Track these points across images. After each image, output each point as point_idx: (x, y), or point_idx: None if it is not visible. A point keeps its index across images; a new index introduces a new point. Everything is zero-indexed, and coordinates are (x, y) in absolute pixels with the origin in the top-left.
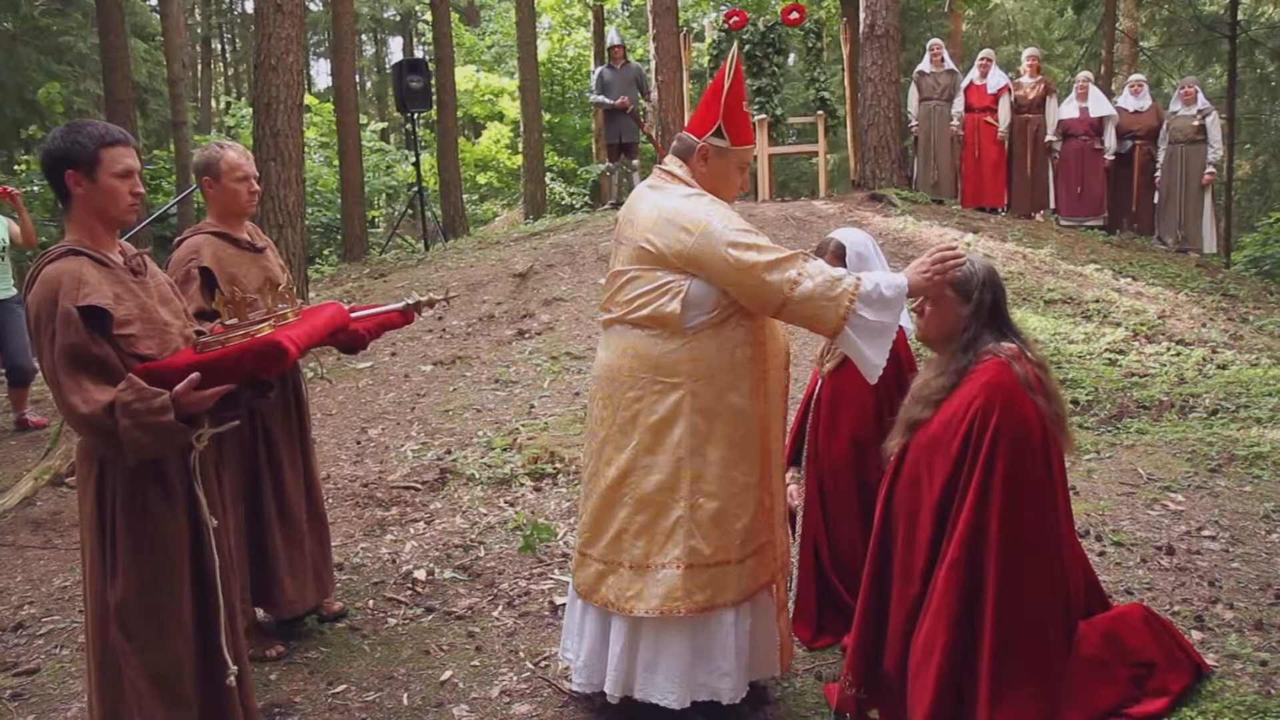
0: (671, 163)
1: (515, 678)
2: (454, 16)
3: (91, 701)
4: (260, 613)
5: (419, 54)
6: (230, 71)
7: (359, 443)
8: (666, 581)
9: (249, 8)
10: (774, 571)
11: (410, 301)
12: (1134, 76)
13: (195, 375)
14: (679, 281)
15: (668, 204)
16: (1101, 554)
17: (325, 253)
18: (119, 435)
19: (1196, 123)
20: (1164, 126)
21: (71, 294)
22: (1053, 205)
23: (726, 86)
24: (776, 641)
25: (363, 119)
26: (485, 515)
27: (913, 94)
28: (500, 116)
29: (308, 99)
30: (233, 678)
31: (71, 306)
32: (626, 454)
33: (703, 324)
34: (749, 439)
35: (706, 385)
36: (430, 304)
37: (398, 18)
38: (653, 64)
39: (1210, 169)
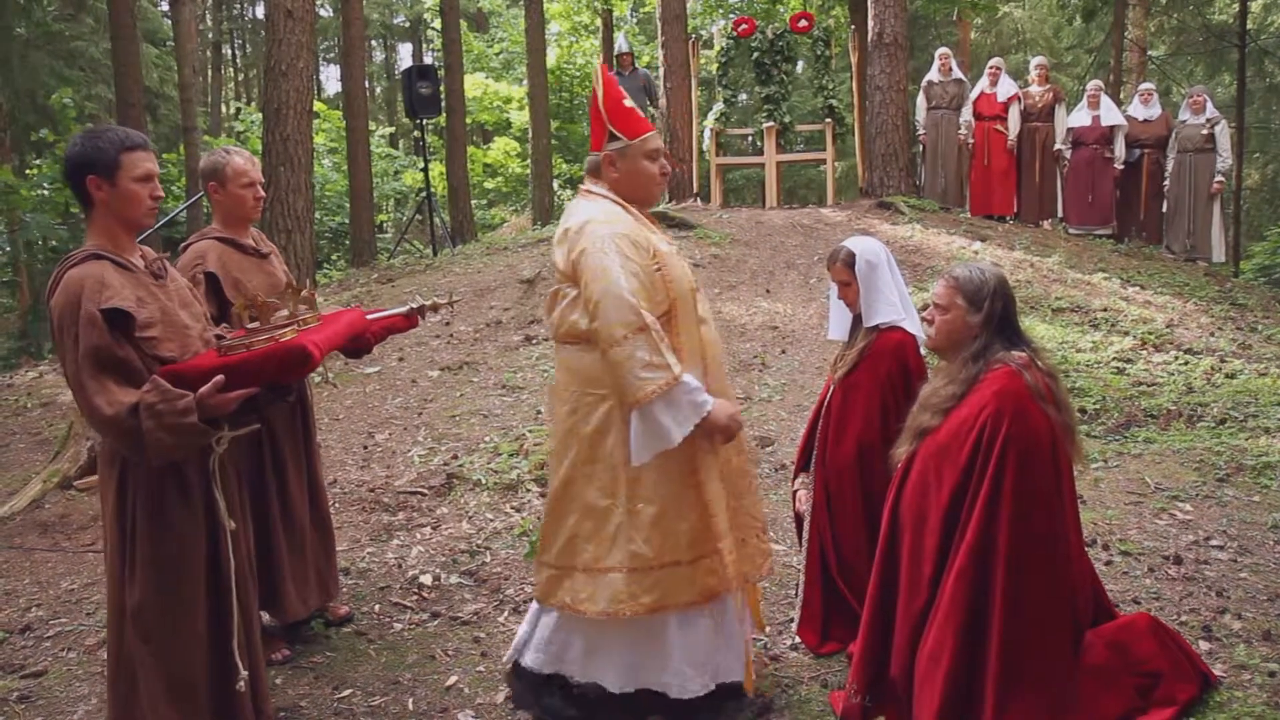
0: (589, 183)
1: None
2: (463, 24)
3: (108, 702)
4: (266, 616)
5: (428, 60)
6: (240, 77)
7: (366, 448)
8: (612, 585)
9: (260, 13)
10: (730, 581)
11: (415, 305)
12: (1143, 85)
13: (220, 378)
14: None
15: (577, 221)
16: (1109, 563)
17: (334, 257)
18: (142, 436)
19: (1205, 131)
20: (1173, 135)
21: (95, 297)
22: (1060, 214)
23: (600, 95)
24: (742, 648)
25: (371, 125)
26: (491, 521)
27: (921, 103)
28: (508, 124)
29: (317, 105)
30: (242, 682)
31: (95, 309)
32: (567, 464)
33: None
34: (683, 444)
35: None
36: (435, 308)
37: (407, 24)
38: (661, 71)
39: (1219, 178)
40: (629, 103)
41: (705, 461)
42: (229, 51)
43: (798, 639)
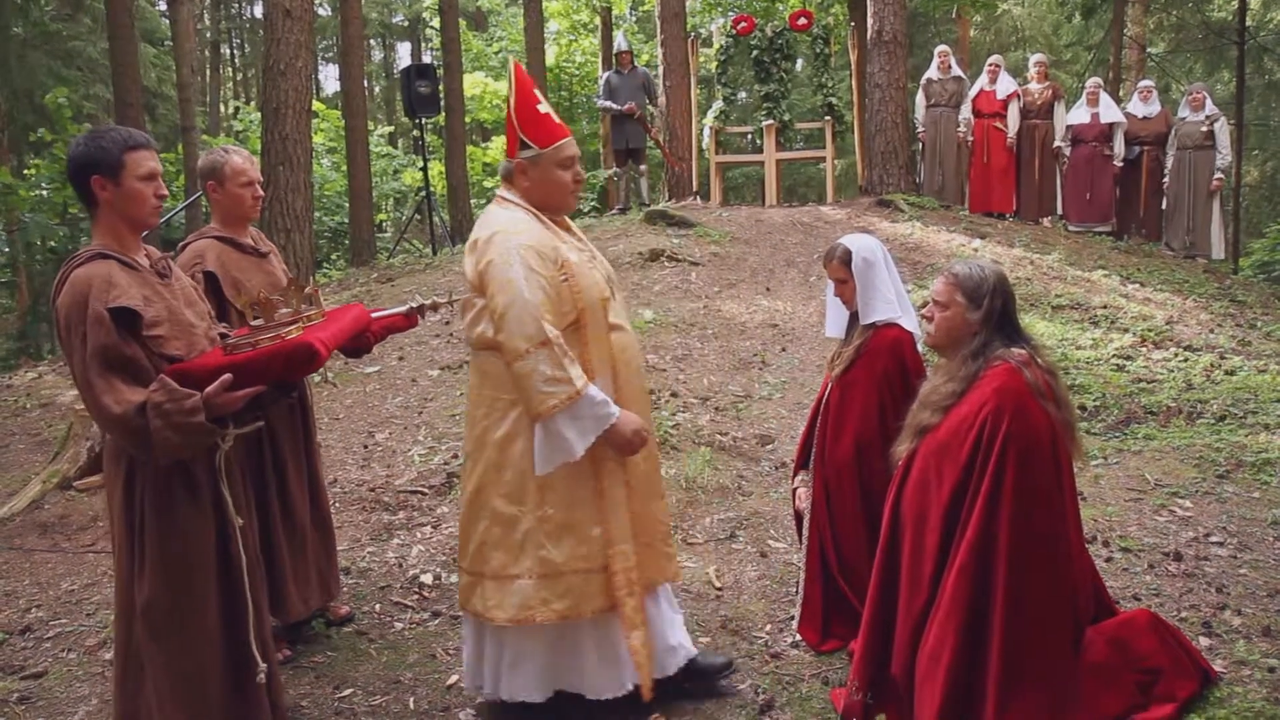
0: (503, 189)
1: None
2: (461, 22)
3: (115, 699)
4: None
5: (427, 59)
6: (239, 76)
7: (366, 447)
8: (521, 592)
9: (258, 13)
10: (618, 589)
11: (414, 305)
12: (1143, 82)
13: (227, 376)
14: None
15: (486, 232)
16: (1109, 560)
17: (333, 257)
18: (150, 435)
19: (1205, 128)
20: (1172, 132)
21: (102, 296)
22: (1060, 211)
23: (511, 102)
24: (649, 650)
25: (370, 124)
26: None
27: (920, 100)
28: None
29: (315, 105)
30: (262, 675)
31: (103, 308)
32: (480, 469)
33: None
34: (588, 453)
35: None
36: (434, 307)
37: (406, 23)
38: (660, 69)
39: (1218, 175)
40: (543, 108)
41: (608, 468)
42: (227, 51)
43: (799, 636)
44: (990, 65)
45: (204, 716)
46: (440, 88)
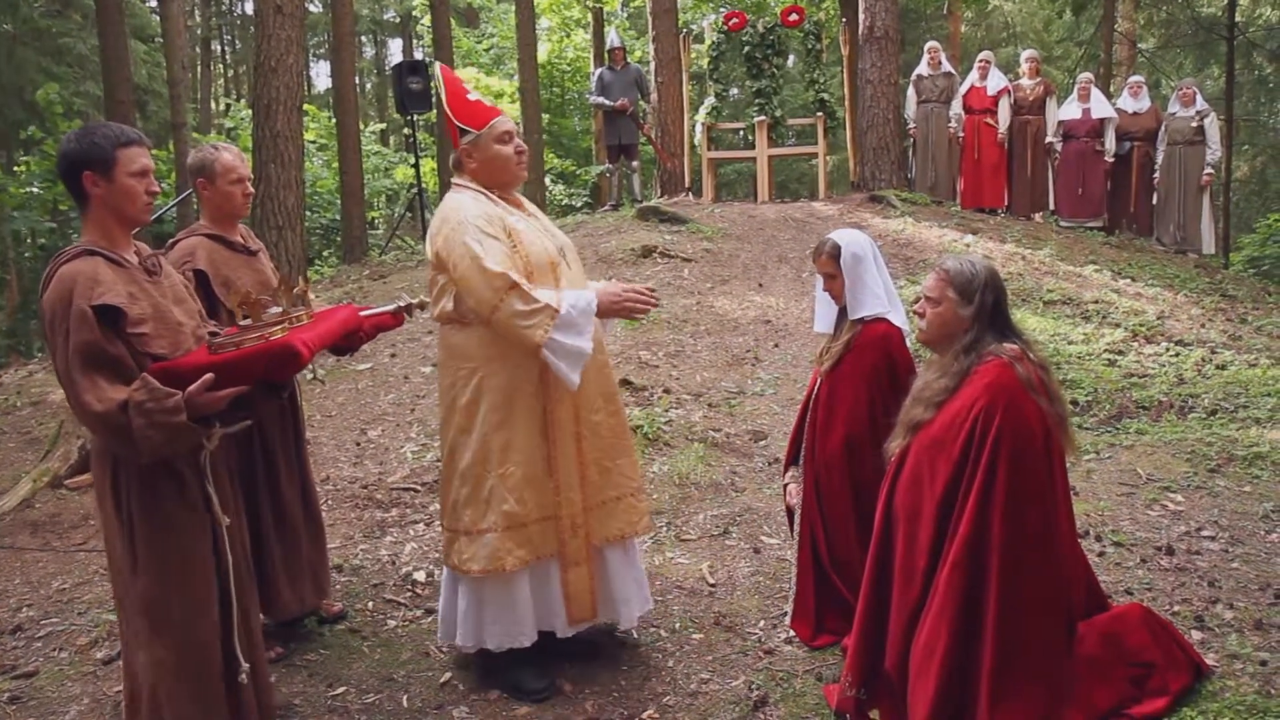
0: (456, 177)
1: None
2: (453, 19)
3: (124, 692)
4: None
5: (418, 56)
6: (230, 73)
7: (359, 444)
8: (490, 544)
9: (249, 9)
10: (568, 528)
11: (401, 304)
12: (1133, 78)
13: (209, 376)
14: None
15: (440, 215)
16: (1101, 554)
17: (325, 254)
18: (133, 433)
19: (1195, 124)
20: (1162, 128)
21: (86, 293)
22: (1052, 206)
23: (443, 98)
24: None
25: (362, 122)
26: None
27: (911, 96)
28: None
29: (305, 105)
30: (244, 675)
31: (86, 305)
32: (450, 434)
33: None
34: (538, 408)
35: (499, 365)
36: (421, 306)
37: (397, 19)
38: (652, 66)
39: (1208, 170)
40: (473, 95)
41: (559, 423)
42: (218, 47)
43: (792, 632)
44: (980, 61)
45: (197, 712)
46: (432, 84)
